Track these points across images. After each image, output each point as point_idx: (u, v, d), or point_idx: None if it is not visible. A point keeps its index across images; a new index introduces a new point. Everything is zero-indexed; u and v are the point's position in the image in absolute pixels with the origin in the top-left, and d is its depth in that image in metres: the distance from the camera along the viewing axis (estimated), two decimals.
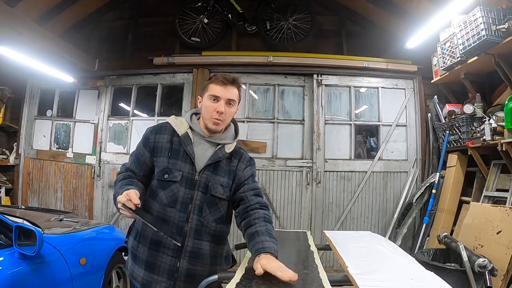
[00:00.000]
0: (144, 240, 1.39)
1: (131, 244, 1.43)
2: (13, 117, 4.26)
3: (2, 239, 1.75)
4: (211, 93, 1.40)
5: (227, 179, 1.45)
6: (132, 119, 4.16)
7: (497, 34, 2.58)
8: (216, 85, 1.41)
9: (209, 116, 1.40)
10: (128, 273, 1.45)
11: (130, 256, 1.44)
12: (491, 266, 2.21)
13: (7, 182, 4.10)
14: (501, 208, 2.58)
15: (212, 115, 1.39)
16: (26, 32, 3.08)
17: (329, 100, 4.08)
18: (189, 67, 4.06)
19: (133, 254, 1.42)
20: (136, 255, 1.40)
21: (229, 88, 1.41)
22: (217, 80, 1.42)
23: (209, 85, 1.42)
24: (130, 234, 1.47)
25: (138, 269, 1.39)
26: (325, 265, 3.68)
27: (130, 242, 1.44)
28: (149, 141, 1.43)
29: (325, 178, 3.92)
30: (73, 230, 2.28)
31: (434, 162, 3.83)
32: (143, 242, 1.39)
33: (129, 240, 1.46)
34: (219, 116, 1.39)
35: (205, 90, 1.43)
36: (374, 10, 4.03)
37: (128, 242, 1.46)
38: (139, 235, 1.41)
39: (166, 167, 1.38)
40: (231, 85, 1.42)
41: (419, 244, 3.49)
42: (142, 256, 1.38)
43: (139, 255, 1.39)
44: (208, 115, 1.40)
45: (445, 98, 3.79)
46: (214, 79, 1.43)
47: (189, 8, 4.17)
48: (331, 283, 1.12)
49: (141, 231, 1.41)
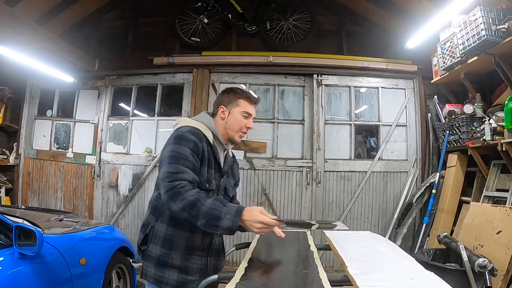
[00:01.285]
0: (178, 247, 1.42)
1: (158, 252, 1.41)
2: (13, 117, 4.26)
3: (2, 239, 1.75)
4: (245, 110, 1.53)
5: (232, 179, 1.64)
6: (132, 119, 4.17)
7: (497, 34, 2.58)
8: (249, 103, 1.54)
9: (238, 129, 1.53)
10: (151, 279, 1.41)
11: (156, 262, 1.41)
12: (491, 266, 2.21)
13: (7, 182, 4.10)
14: (501, 208, 2.58)
15: (241, 130, 1.54)
16: (26, 32, 3.08)
17: (329, 100, 4.08)
18: (189, 67, 4.06)
19: (162, 261, 1.41)
20: (166, 261, 1.41)
21: (255, 107, 1.59)
22: (248, 98, 1.55)
23: (240, 101, 1.53)
24: (151, 242, 1.43)
25: (170, 273, 1.41)
26: (325, 265, 3.68)
27: (156, 250, 1.41)
28: (199, 149, 1.41)
29: (325, 178, 3.92)
30: (73, 230, 2.29)
31: (434, 162, 3.83)
32: (177, 249, 1.42)
33: (151, 248, 1.42)
34: (247, 131, 1.57)
35: (234, 104, 1.53)
36: (374, 10, 4.03)
37: (151, 250, 1.42)
38: (169, 243, 1.41)
39: (207, 176, 1.44)
40: (256, 104, 1.59)
41: (419, 244, 3.49)
42: (175, 262, 1.41)
43: (171, 261, 1.41)
44: (237, 128, 1.53)
45: (445, 98, 3.79)
46: (245, 96, 1.54)
47: (189, 8, 4.18)
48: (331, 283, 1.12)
49: (172, 239, 1.41)
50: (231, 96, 1.54)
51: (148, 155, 4.05)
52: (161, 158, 1.42)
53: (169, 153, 1.36)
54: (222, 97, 1.57)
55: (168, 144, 1.40)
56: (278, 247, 1.67)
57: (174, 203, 1.25)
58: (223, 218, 1.21)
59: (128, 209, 4.04)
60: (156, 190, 1.47)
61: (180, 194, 1.25)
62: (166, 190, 1.27)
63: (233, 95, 1.54)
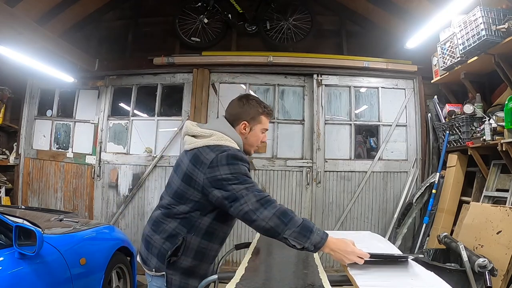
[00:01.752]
0: (207, 259, 1.48)
1: (188, 264, 1.43)
2: (13, 117, 4.26)
3: (2, 239, 1.75)
4: (265, 127, 1.59)
5: None
6: (132, 119, 4.16)
7: (497, 34, 2.58)
8: (267, 119, 1.59)
9: (255, 144, 1.59)
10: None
11: (183, 272, 1.44)
12: (491, 266, 2.21)
13: (7, 182, 4.09)
14: (501, 208, 2.58)
15: (258, 144, 1.60)
16: (26, 32, 3.08)
17: (329, 100, 4.08)
18: (189, 67, 4.06)
19: (190, 271, 1.45)
20: (193, 271, 1.46)
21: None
22: (269, 115, 1.60)
23: (262, 117, 1.56)
24: (183, 254, 1.43)
25: (193, 281, 1.46)
26: (325, 265, 3.68)
27: (187, 262, 1.43)
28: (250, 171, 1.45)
29: (325, 178, 3.92)
30: (73, 230, 2.29)
31: (434, 162, 3.83)
32: (206, 260, 1.48)
33: (182, 260, 1.43)
34: (260, 145, 1.63)
35: (257, 121, 1.55)
36: (374, 10, 4.03)
37: (181, 262, 1.43)
38: (201, 256, 1.45)
39: None
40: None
41: (419, 244, 3.49)
42: (202, 272, 1.48)
43: (198, 271, 1.47)
44: (255, 144, 1.58)
45: (445, 98, 3.79)
46: (267, 113, 1.58)
47: (189, 8, 4.17)
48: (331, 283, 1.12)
49: (204, 251, 1.46)
50: (254, 112, 1.55)
51: (148, 155, 4.05)
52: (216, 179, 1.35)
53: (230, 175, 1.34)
54: (245, 110, 1.54)
55: (221, 164, 1.36)
56: (278, 247, 1.67)
57: (266, 209, 1.28)
58: (315, 232, 1.25)
59: (128, 209, 4.04)
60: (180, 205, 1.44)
61: (272, 202, 1.30)
62: (258, 198, 1.30)
63: (256, 111, 1.55)
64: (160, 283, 1.44)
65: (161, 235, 1.44)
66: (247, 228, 3.87)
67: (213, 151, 1.38)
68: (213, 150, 1.39)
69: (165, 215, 1.47)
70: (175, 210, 1.44)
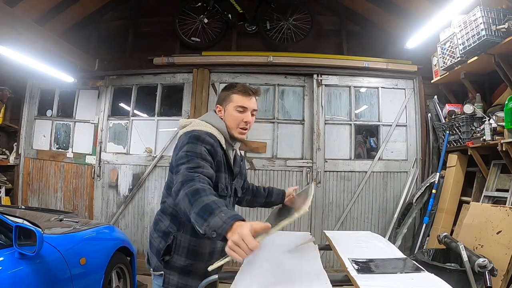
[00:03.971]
0: (201, 256, 1.43)
1: (182, 263, 1.40)
2: (13, 117, 4.26)
3: (2, 239, 1.75)
4: (238, 104, 1.46)
5: (241, 179, 1.62)
6: (132, 119, 4.16)
7: (497, 34, 2.58)
8: (242, 96, 1.47)
9: (235, 126, 1.47)
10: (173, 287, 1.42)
11: (180, 271, 1.41)
12: (491, 266, 2.21)
13: (7, 182, 4.10)
14: (501, 208, 2.58)
15: (239, 125, 1.47)
16: (26, 32, 3.08)
17: (329, 100, 4.08)
18: (189, 67, 4.06)
19: (187, 270, 1.42)
20: (190, 270, 1.42)
21: (252, 99, 1.50)
22: (242, 91, 1.47)
23: (232, 96, 1.47)
24: (175, 253, 1.40)
25: (192, 281, 1.42)
26: (325, 265, 3.68)
27: (180, 261, 1.40)
28: (216, 154, 1.38)
29: (325, 178, 3.92)
30: (73, 230, 2.28)
31: (434, 162, 3.83)
32: (201, 259, 1.42)
33: (175, 259, 1.40)
34: (246, 126, 1.49)
35: (227, 100, 1.48)
36: (374, 10, 4.03)
37: (175, 261, 1.40)
38: (194, 254, 1.41)
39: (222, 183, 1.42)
40: (254, 96, 1.50)
41: (419, 244, 3.49)
42: (199, 271, 1.42)
43: (195, 270, 1.42)
44: (235, 125, 1.47)
45: (445, 98, 3.79)
46: (237, 90, 1.47)
47: (189, 8, 4.17)
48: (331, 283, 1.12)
49: (197, 249, 1.41)
50: (226, 93, 1.51)
51: (148, 155, 4.05)
52: (175, 159, 1.32)
53: (184, 153, 1.28)
54: (219, 95, 1.55)
55: (182, 145, 1.34)
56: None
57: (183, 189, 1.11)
58: (217, 215, 1.00)
59: (128, 209, 4.04)
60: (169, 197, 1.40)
61: (190, 181, 1.13)
62: (183, 179, 1.15)
63: (227, 91, 1.50)
64: (159, 282, 1.44)
65: (158, 234, 1.46)
66: None
67: (185, 135, 1.39)
68: (186, 135, 1.39)
69: (161, 211, 1.49)
70: (166, 204, 1.46)
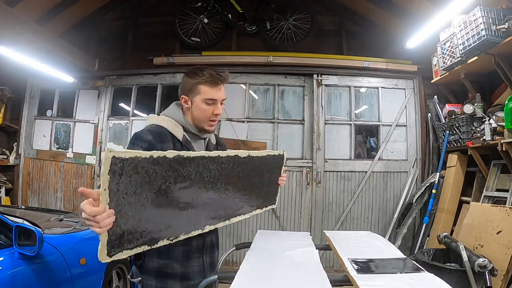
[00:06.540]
0: (175, 255, 1.33)
1: (156, 264, 1.31)
2: (13, 117, 4.26)
3: (2, 239, 1.75)
4: (207, 97, 1.35)
5: None
6: (132, 119, 4.16)
7: (497, 34, 2.58)
8: (210, 87, 1.35)
9: (205, 119, 1.38)
10: None
11: (156, 274, 1.31)
12: (491, 266, 2.21)
13: (7, 182, 4.10)
14: (501, 208, 2.58)
15: (209, 119, 1.38)
16: (26, 32, 3.08)
17: (329, 100, 4.08)
18: (189, 67, 4.02)
19: (163, 272, 1.32)
20: (166, 272, 1.32)
21: (221, 88, 1.39)
22: (209, 81, 1.34)
23: (200, 87, 1.35)
24: (146, 256, 1.31)
25: (172, 283, 1.32)
26: (325, 265, 3.68)
27: (153, 263, 1.32)
28: (163, 147, 1.28)
29: (325, 178, 3.92)
30: (73, 230, 2.29)
31: (434, 162, 3.83)
32: (174, 257, 1.33)
33: (147, 261, 1.32)
34: (216, 118, 1.39)
35: (194, 91, 1.36)
36: (374, 10, 4.03)
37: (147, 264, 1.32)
38: (165, 253, 1.31)
39: None
40: (222, 84, 1.38)
41: (419, 244, 3.49)
42: (176, 271, 1.33)
43: (171, 270, 1.33)
44: (204, 118, 1.37)
45: (445, 98, 3.79)
46: (204, 80, 1.34)
47: (189, 8, 4.17)
48: (331, 283, 1.12)
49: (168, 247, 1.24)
50: (192, 82, 1.36)
51: None
52: None
53: None
54: (183, 84, 1.41)
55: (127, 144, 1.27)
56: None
57: None
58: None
59: None
60: None
61: None
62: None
63: (194, 81, 1.36)
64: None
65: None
66: (247, 228, 3.87)
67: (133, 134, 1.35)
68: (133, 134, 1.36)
69: None
70: None
